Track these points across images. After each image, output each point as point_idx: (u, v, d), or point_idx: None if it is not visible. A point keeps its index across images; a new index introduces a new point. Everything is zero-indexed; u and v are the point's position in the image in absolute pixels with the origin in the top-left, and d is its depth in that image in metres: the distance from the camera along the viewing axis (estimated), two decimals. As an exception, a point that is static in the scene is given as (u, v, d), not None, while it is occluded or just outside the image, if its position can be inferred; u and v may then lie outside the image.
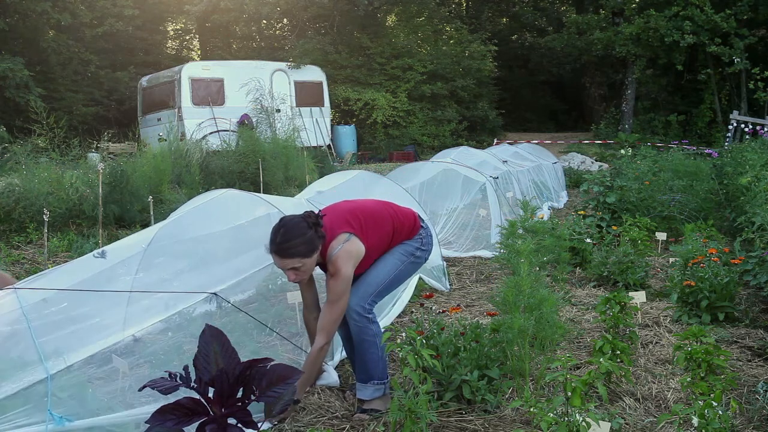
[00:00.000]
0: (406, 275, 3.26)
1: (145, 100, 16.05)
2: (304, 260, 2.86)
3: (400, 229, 3.18)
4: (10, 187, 7.23)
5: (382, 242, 3.12)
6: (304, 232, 2.84)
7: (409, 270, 3.24)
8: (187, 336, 3.23)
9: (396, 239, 3.18)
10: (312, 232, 2.86)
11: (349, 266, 2.94)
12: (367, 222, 3.07)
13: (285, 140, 11.69)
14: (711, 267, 4.36)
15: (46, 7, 17.05)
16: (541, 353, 3.26)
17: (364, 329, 3.03)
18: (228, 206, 4.21)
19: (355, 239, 2.98)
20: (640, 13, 20.09)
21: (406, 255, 3.19)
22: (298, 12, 21.96)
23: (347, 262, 2.93)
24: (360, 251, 2.98)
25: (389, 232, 3.14)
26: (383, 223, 3.13)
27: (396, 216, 3.20)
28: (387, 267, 3.14)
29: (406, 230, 3.21)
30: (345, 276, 2.92)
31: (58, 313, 3.03)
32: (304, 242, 2.84)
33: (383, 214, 3.17)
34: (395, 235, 3.16)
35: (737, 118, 15.92)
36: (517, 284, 3.18)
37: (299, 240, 2.83)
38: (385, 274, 3.12)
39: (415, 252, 3.22)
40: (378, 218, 3.13)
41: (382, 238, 3.12)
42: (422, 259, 3.28)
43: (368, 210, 3.16)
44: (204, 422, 2.20)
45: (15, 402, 2.49)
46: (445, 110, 21.49)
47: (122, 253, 3.62)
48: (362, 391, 3.10)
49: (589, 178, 8.19)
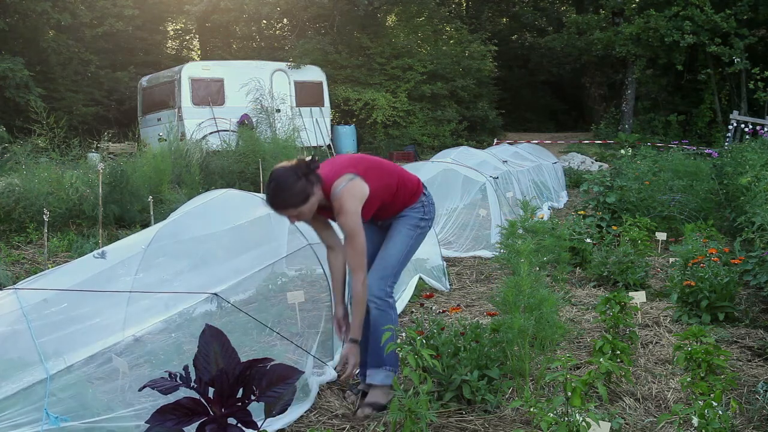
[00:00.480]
0: (417, 247, 3.33)
1: (145, 100, 16.04)
2: (299, 208, 2.93)
3: (404, 186, 3.23)
4: (10, 187, 7.23)
5: (386, 192, 3.15)
6: (294, 183, 2.90)
7: (418, 242, 3.32)
8: (187, 336, 3.23)
9: (400, 195, 3.22)
10: (303, 181, 2.91)
11: (354, 203, 2.98)
12: (370, 168, 3.13)
13: (285, 140, 11.69)
14: (711, 267, 4.36)
15: (46, 7, 17.04)
16: (541, 353, 3.26)
17: (385, 314, 3.11)
18: (228, 206, 4.21)
19: (359, 180, 3.02)
20: (640, 13, 20.09)
21: (412, 228, 3.26)
22: (298, 12, 21.96)
23: (350, 198, 2.97)
24: (364, 190, 3.02)
25: (393, 185, 3.18)
26: (387, 174, 3.20)
27: (401, 174, 3.27)
28: (398, 245, 3.21)
29: (409, 190, 3.26)
30: (351, 211, 2.97)
31: (58, 314, 3.03)
32: (294, 194, 2.89)
33: (388, 168, 3.27)
34: (399, 189, 3.20)
35: (737, 118, 15.92)
36: (517, 284, 3.19)
37: (289, 193, 2.89)
38: (398, 253, 3.20)
39: (419, 223, 3.28)
40: (382, 169, 3.21)
41: (387, 188, 3.15)
42: (427, 228, 3.34)
43: (372, 160, 3.26)
44: (204, 422, 2.20)
45: (14, 402, 2.49)
46: (445, 110, 21.48)
47: (122, 253, 3.63)
48: (373, 376, 3.15)
49: (589, 178, 8.19)
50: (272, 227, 4.21)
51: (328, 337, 3.67)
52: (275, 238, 4.20)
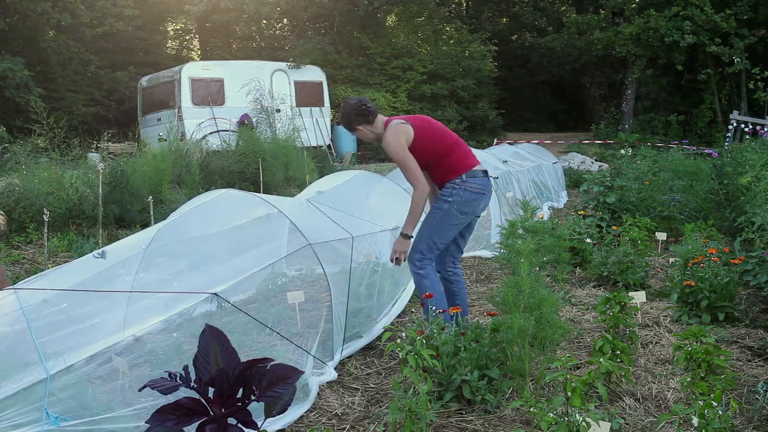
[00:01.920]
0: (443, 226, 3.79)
1: (145, 100, 16.04)
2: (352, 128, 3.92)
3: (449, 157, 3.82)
4: (10, 187, 7.23)
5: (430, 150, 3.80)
6: (346, 110, 3.90)
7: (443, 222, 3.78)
8: (187, 336, 3.23)
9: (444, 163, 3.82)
10: (353, 111, 3.86)
11: (396, 137, 3.74)
12: (423, 127, 3.84)
13: (285, 140, 11.68)
14: (711, 267, 4.36)
15: (46, 7, 17.04)
16: (541, 353, 3.26)
17: (418, 283, 3.80)
18: (228, 206, 4.21)
19: (408, 126, 3.78)
20: (640, 13, 20.08)
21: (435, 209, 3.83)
22: (298, 12, 21.95)
23: (393, 135, 3.75)
24: (408, 132, 3.76)
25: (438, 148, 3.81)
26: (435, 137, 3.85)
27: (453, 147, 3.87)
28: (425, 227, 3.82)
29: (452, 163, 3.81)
30: (393, 143, 3.73)
31: (58, 314, 3.03)
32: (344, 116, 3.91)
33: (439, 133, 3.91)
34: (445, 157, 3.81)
35: (737, 118, 15.91)
36: (517, 284, 3.18)
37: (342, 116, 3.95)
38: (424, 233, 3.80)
39: (442, 204, 3.79)
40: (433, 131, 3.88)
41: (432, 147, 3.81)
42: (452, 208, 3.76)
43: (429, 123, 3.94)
44: (204, 422, 2.20)
45: (14, 402, 2.49)
46: (445, 110, 21.48)
47: (122, 253, 3.62)
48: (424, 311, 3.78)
49: (589, 178, 8.19)
50: (272, 227, 4.22)
51: (328, 337, 3.67)
52: (275, 238, 4.20)
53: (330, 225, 4.41)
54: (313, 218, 4.44)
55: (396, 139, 3.73)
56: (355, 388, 3.41)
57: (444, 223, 3.76)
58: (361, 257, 4.53)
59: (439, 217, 3.76)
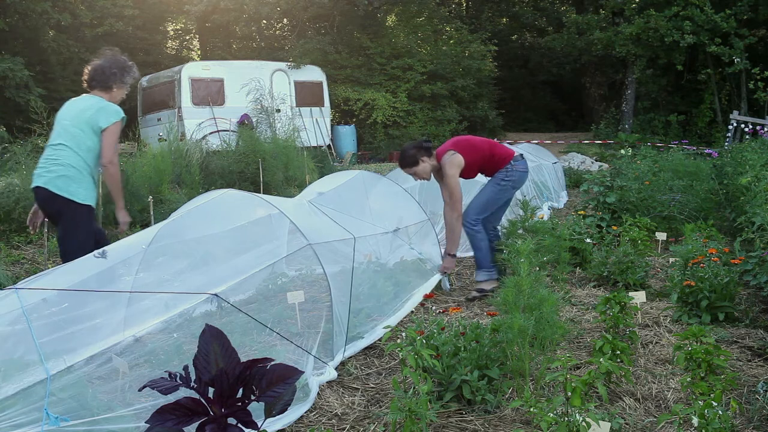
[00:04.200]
0: (500, 197, 5.08)
1: (145, 100, 16.04)
2: (412, 168, 4.99)
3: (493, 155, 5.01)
4: (10, 187, 7.23)
5: (479, 161, 4.99)
6: (408, 151, 4.98)
7: (500, 194, 5.05)
8: (187, 336, 3.23)
9: (492, 161, 5.01)
10: (413, 150, 4.95)
11: (453, 169, 4.87)
12: (465, 147, 4.97)
13: (285, 140, 11.67)
14: (711, 267, 4.36)
15: (46, 7, 17.04)
16: (541, 353, 3.26)
17: (472, 235, 4.98)
18: (228, 206, 4.21)
19: (457, 155, 4.89)
20: (640, 13, 20.08)
21: (494, 185, 5.02)
22: (298, 12, 21.95)
23: (451, 167, 4.88)
24: (461, 161, 4.88)
25: (484, 156, 4.99)
26: (478, 149, 5.00)
27: (492, 148, 5.06)
28: (482, 195, 5.05)
29: (499, 158, 5.01)
30: (449, 174, 4.87)
31: (58, 314, 3.03)
32: (406, 157, 4.98)
33: (479, 145, 5.05)
34: (491, 158, 5.01)
35: (737, 118, 15.92)
36: (517, 284, 3.18)
37: (404, 158, 5.01)
38: (481, 199, 5.01)
39: (500, 182, 5.01)
40: (474, 146, 5.01)
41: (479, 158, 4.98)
42: (509, 186, 5.03)
43: (468, 141, 5.10)
44: (204, 422, 2.20)
45: (15, 402, 2.49)
46: (445, 110, 21.49)
47: (122, 253, 3.62)
48: (478, 275, 5.07)
49: (589, 178, 8.19)
50: (272, 227, 4.22)
51: (328, 337, 3.67)
52: (275, 238, 4.21)
53: (330, 225, 4.41)
54: (313, 219, 4.44)
55: (454, 171, 4.87)
56: (355, 388, 3.41)
57: (497, 196, 5.01)
58: (361, 257, 4.53)
59: (496, 192, 4.99)
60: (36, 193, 4.13)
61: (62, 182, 4.01)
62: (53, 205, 4.06)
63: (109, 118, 4.11)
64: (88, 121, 4.08)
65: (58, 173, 4.03)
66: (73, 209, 4.03)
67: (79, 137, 4.07)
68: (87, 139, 4.08)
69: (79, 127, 4.08)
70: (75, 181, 4.04)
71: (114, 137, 4.13)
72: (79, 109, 4.15)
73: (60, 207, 4.03)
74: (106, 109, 4.12)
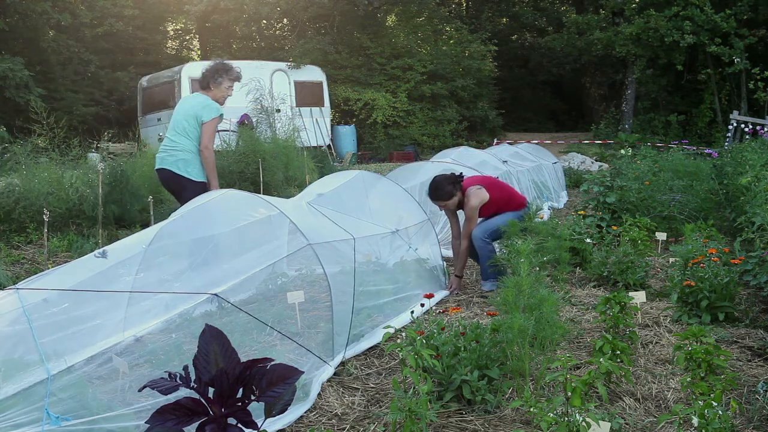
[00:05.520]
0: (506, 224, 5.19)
1: (145, 100, 16.05)
2: (446, 202, 5.18)
3: (511, 200, 5.36)
4: (10, 187, 7.23)
5: (500, 199, 5.27)
6: (445, 186, 5.14)
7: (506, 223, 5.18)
8: (187, 336, 3.23)
9: (509, 204, 5.30)
10: (450, 186, 5.14)
11: (475, 201, 5.12)
12: (491, 186, 5.30)
13: (285, 140, 11.66)
14: (711, 267, 4.36)
15: (46, 7, 17.05)
16: (541, 353, 3.26)
17: (483, 248, 5.18)
18: (228, 206, 4.21)
19: (483, 190, 5.19)
20: (640, 13, 20.09)
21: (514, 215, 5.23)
22: (298, 12, 21.96)
23: (475, 199, 5.13)
24: (484, 197, 5.16)
25: (505, 197, 5.33)
26: (501, 190, 5.38)
27: (511, 193, 5.48)
28: (496, 221, 5.22)
29: (516, 203, 5.36)
30: (472, 206, 5.13)
31: (59, 314, 3.03)
32: (443, 192, 5.15)
33: (504, 186, 5.53)
34: (509, 201, 5.33)
35: (737, 118, 15.93)
36: (517, 284, 3.19)
37: (441, 191, 5.15)
38: (495, 224, 5.20)
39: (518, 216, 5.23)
40: (499, 187, 5.43)
41: (500, 198, 5.28)
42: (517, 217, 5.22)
43: (494, 182, 5.52)
44: (204, 422, 2.20)
45: (15, 402, 2.49)
46: (445, 110, 21.48)
47: (123, 253, 3.62)
48: (484, 284, 5.24)
49: (589, 178, 8.19)
50: (273, 227, 4.21)
51: (328, 337, 3.67)
52: (275, 239, 4.20)
53: (330, 226, 4.41)
54: (313, 219, 4.44)
55: (477, 203, 5.15)
56: (355, 388, 3.41)
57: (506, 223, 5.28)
58: (361, 258, 4.53)
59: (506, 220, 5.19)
60: (160, 173, 5.13)
61: (182, 164, 5.02)
62: (178, 183, 5.06)
63: (210, 114, 5.05)
64: (194, 115, 5.03)
65: (179, 157, 5.02)
66: (193, 185, 4.98)
67: (189, 128, 5.03)
68: (195, 129, 5.04)
69: (188, 120, 5.04)
70: (191, 164, 5.03)
71: (211, 129, 5.07)
72: (189, 105, 5.13)
73: (183, 184, 5.02)
74: (208, 107, 5.07)
